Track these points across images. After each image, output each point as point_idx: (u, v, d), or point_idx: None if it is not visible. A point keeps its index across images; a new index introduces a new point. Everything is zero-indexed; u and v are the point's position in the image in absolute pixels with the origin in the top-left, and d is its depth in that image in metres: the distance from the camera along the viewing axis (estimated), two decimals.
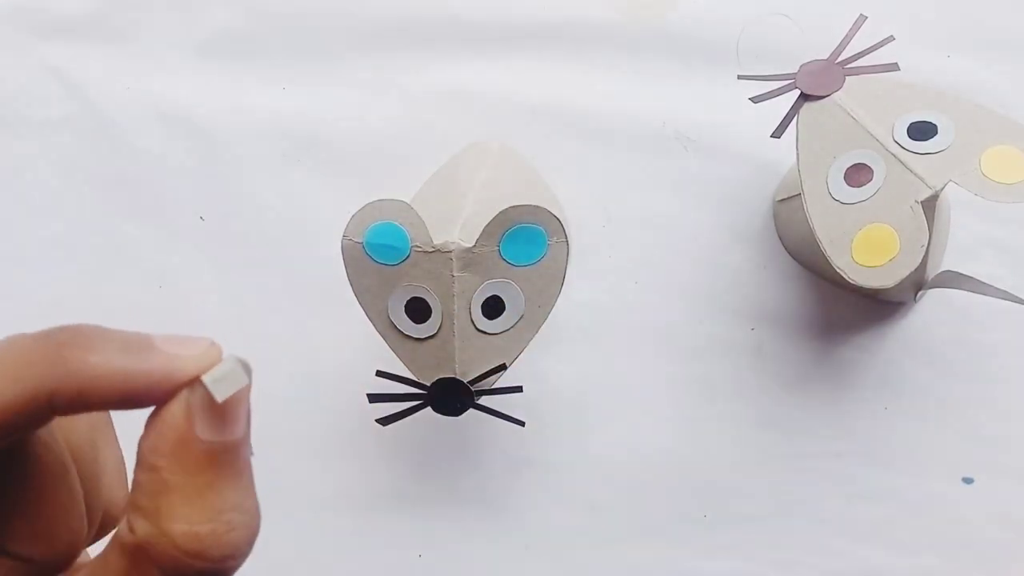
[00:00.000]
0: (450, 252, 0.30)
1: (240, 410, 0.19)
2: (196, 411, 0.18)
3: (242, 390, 0.18)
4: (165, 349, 0.18)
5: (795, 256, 0.39)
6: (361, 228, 0.30)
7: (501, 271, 0.30)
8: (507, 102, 0.42)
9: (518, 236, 0.30)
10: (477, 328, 0.31)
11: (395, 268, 0.30)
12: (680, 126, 0.41)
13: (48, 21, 0.43)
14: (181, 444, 0.18)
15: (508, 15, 0.42)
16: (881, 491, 0.37)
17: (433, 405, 0.31)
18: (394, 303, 0.31)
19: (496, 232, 0.30)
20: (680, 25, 0.42)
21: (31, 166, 0.41)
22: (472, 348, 0.30)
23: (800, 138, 0.33)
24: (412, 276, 0.30)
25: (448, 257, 0.30)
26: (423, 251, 0.30)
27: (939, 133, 0.31)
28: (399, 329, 0.31)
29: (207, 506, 0.19)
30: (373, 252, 0.30)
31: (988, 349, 0.38)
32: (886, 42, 0.33)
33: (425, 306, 0.30)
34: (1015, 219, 0.39)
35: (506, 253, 0.30)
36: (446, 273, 0.30)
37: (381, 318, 0.31)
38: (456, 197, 0.33)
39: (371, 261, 0.30)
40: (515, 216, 0.30)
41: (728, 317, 0.39)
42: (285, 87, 0.42)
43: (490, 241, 0.30)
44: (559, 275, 0.31)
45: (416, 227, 0.30)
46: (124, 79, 0.42)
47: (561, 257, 0.31)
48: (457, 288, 0.30)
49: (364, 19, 0.43)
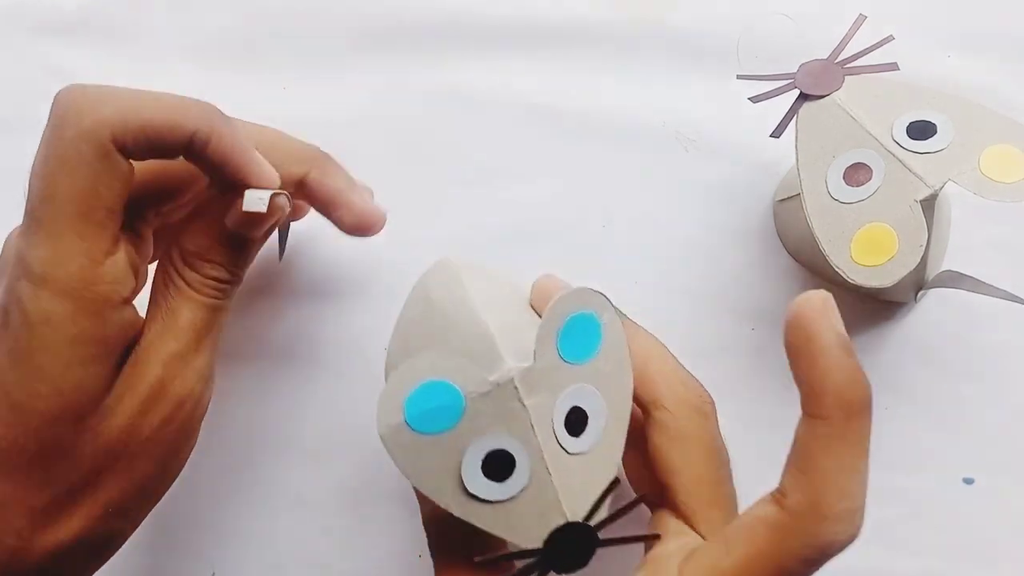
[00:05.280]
0: (511, 380, 0.25)
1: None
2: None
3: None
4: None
5: (795, 256, 0.39)
6: (395, 406, 0.24)
7: (570, 376, 0.26)
8: (507, 102, 0.42)
9: (573, 330, 0.26)
10: (569, 452, 0.25)
11: (453, 431, 0.25)
12: (680, 126, 0.41)
13: (48, 21, 0.43)
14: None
15: (508, 15, 0.42)
16: (881, 491, 0.37)
17: (555, 567, 0.25)
18: (468, 471, 0.25)
19: (550, 334, 0.25)
20: (680, 25, 0.42)
21: (31, 166, 0.41)
22: (572, 477, 0.25)
23: (799, 138, 0.33)
24: (477, 429, 0.25)
25: (512, 387, 0.25)
26: (480, 394, 0.25)
27: (938, 132, 0.31)
28: (482, 499, 0.25)
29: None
30: (421, 425, 0.24)
31: (988, 349, 0.38)
32: (886, 42, 0.33)
33: (506, 457, 0.25)
34: (1015, 219, 0.39)
35: (567, 354, 0.26)
36: (516, 406, 0.25)
37: (456, 498, 0.25)
38: (466, 327, 0.27)
39: (423, 437, 0.24)
40: (565, 309, 0.25)
41: (728, 317, 0.39)
42: (285, 87, 0.42)
43: (547, 348, 0.25)
44: (624, 353, 0.27)
45: (460, 370, 0.25)
46: (124, 79, 0.42)
47: (619, 331, 0.27)
48: (534, 418, 0.25)
49: (364, 19, 0.43)
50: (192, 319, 0.29)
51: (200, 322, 0.29)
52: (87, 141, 0.26)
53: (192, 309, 0.29)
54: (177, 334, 0.29)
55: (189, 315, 0.29)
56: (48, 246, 0.26)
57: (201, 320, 0.29)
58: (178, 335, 0.29)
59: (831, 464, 0.21)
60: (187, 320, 0.29)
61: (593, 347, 0.26)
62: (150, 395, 0.28)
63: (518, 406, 0.25)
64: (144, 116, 0.27)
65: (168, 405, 0.28)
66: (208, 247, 0.30)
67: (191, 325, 0.29)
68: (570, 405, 0.25)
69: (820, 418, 0.22)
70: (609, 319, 0.26)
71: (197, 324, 0.29)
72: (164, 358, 0.28)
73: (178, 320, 0.29)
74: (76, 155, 0.26)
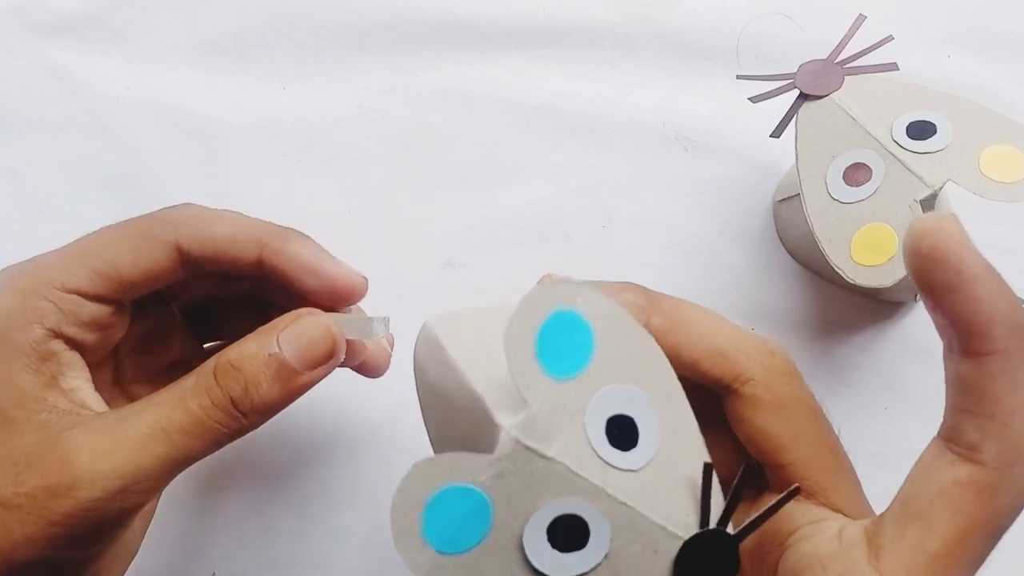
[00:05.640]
0: (515, 441, 0.20)
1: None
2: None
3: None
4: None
5: (795, 256, 0.39)
6: (415, 543, 0.20)
7: (582, 391, 0.21)
8: (507, 102, 0.42)
9: (550, 343, 0.21)
10: (636, 470, 0.21)
11: (494, 532, 0.20)
12: (680, 126, 0.41)
13: (48, 21, 0.43)
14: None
15: (508, 15, 0.42)
16: (881, 491, 0.37)
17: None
18: (540, 558, 0.20)
19: (528, 364, 0.20)
20: (680, 25, 0.42)
21: (31, 166, 0.41)
22: (656, 492, 0.21)
23: (799, 137, 0.33)
24: (518, 513, 0.20)
25: (522, 448, 0.20)
26: (494, 477, 0.20)
27: (938, 132, 0.31)
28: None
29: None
30: (454, 544, 0.20)
31: None
32: (885, 42, 0.33)
33: (572, 521, 0.20)
34: (1015, 219, 0.39)
35: (561, 371, 0.21)
36: (541, 464, 0.20)
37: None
38: (464, 402, 0.23)
39: (465, 556, 0.20)
40: (525, 327, 0.20)
41: (728, 317, 0.39)
42: (285, 87, 0.42)
43: (533, 380, 0.20)
44: (629, 323, 0.21)
45: (456, 465, 0.20)
46: (124, 79, 0.42)
47: (606, 306, 0.21)
48: (572, 463, 0.20)
49: (364, 19, 0.43)
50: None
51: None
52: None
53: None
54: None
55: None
56: None
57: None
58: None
59: (1022, 399, 0.19)
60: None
61: (587, 344, 0.21)
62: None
63: (543, 463, 0.20)
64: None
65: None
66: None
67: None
68: (603, 420, 0.21)
69: (991, 354, 0.19)
70: (585, 301, 0.21)
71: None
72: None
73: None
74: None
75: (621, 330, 0.21)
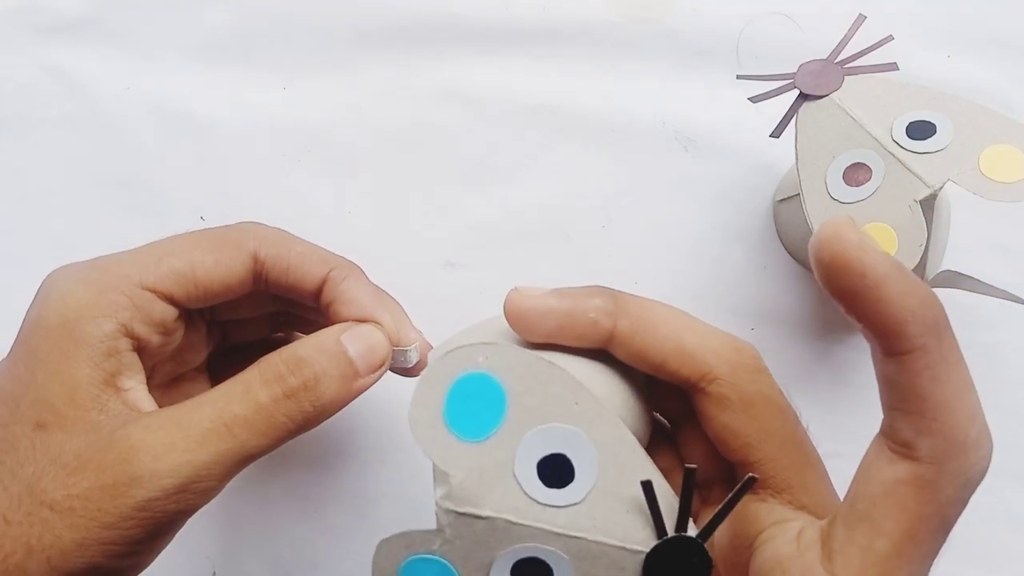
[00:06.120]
0: (449, 511, 0.21)
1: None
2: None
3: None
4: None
5: (795, 256, 0.39)
6: None
7: (503, 444, 0.21)
8: (507, 102, 0.42)
9: (459, 407, 0.21)
10: (576, 503, 0.21)
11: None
12: (680, 126, 0.41)
13: (48, 21, 0.43)
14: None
15: (508, 15, 0.42)
16: None
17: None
18: None
19: (438, 435, 0.21)
20: (679, 25, 0.42)
21: (31, 166, 0.41)
22: (608, 515, 0.21)
23: (799, 137, 0.33)
24: (475, 565, 0.21)
25: (455, 515, 0.21)
26: (440, 549, 0.21)
27: (938, 132, 0.31)
28: None
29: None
30: None
31: (988, 349, 0.38)
32: (885, 42, 0.33)
33: (537, 565, 0.21)
34: (1015, 219, 0.39)
35: (475, 431, 0.21)
36: (481, 525, 0.21)
37: None
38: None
39: None
40: (431, 398, 0.21)
41: (728, 317, 0.39)
42: (285, 87, 0.42)
43: (450, 452, 0.21)
44: (539, 365, 0.21)
45: (402, 544, 0.22)
46: (124, 79, 0.42)
47: (515, 356, 0.21)
48: (511, 515, 0.21)
49: (364, 19, 0.43)
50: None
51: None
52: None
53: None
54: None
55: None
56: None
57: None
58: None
59: (947, 393, 0.19)
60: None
61: (499, 398, 0.21)
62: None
63: (482, 523, 0.21)
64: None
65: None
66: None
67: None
68: (534, 465, 0.21)
69: (910, 352, 0.19)
70: (488, 358, 0.21)
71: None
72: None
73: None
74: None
75: (532, 374, 0.21)
